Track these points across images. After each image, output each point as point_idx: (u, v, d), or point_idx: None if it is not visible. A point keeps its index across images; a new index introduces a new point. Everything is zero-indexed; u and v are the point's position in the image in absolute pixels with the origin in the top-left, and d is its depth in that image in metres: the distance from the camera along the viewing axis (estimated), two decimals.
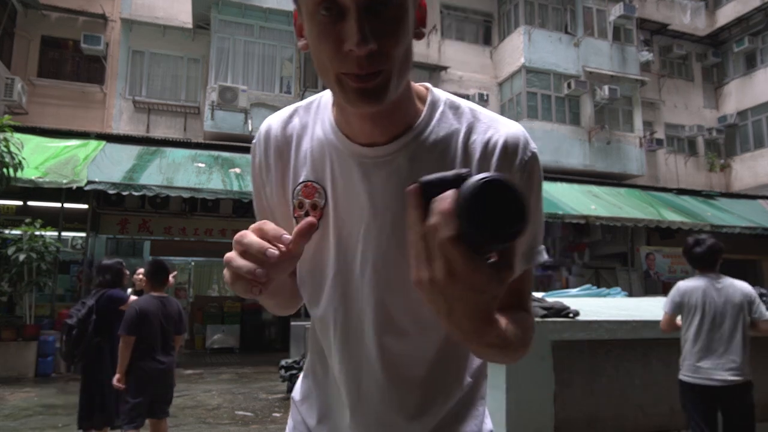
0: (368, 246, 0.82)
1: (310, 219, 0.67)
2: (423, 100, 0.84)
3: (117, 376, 3.65)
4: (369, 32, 0.66)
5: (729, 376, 3.16)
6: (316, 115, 0.88)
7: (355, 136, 0.82)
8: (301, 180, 0.86)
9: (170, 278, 4.00)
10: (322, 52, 0.70)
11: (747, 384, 3.18)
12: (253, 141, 0.93)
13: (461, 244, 0.49)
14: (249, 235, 0.65)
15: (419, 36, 0.76)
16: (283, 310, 0.97)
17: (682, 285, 3.43)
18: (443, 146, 0.81)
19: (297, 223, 0.83)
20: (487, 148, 0.80)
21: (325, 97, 0.88)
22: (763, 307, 3.24)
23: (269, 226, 0.66)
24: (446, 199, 0.50)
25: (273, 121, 0.91)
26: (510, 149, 0.80)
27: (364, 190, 0.82)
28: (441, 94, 0.86)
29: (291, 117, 0.90)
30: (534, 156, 0.82)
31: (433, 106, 0.83)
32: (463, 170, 0.54)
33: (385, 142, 0.80)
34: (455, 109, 0.84)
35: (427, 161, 0.80)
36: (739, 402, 3.21)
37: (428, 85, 0.86)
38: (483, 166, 0.80)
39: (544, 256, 0.86)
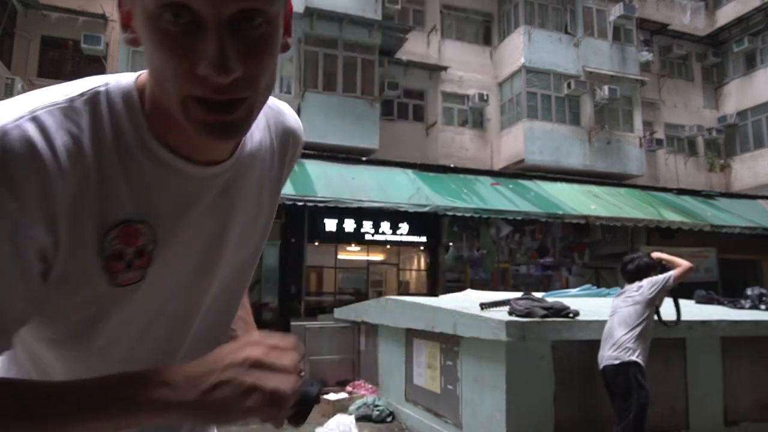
0: (213, 287, 0.74)
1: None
2: None
3: None
4: (233, 54, 0.53)
5: (607, 361, 3.57)
6: (112, 120, 0.61)
7: (188, 153, 0.65)
8: (115, 221, 0.61)
9: None
10: (164, 66, 0.55)
11: (621, 365, 3.50)
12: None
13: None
14: (275, 354, 0.61)
15: (286, 48, 0.62)
16: None
17: None
18: (260, 146, 0.76)
19: (113, 280, 0.62)
20: (285, 138, 0.81)
21: (118, 90, 0.63)
22: (659, 280, 3.62)
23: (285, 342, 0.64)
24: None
25: (40, 125, 0.56)
26: (299, 135, 0.84)
27: (211, 219, 0.69)
28: None
29: (71, 121, 0.58)
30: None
31: None
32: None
33: (225, 158, 0.68)
34: None
35: (253, 167, 0.74)
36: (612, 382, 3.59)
37: None
38: (282, 153, 0.81)
39: None
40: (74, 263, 0.60)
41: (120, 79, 0.64)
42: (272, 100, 0.79)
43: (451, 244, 12.61)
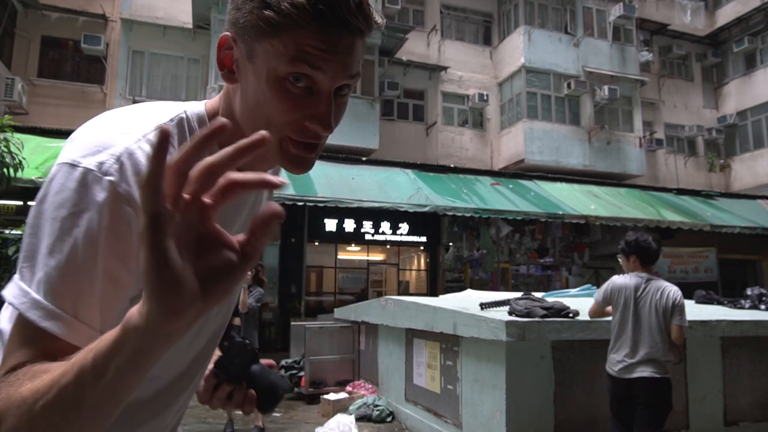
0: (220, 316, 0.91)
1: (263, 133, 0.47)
2: None
3: None
4: (332, 114, 0.70)
5: (644, 374, 3.17)
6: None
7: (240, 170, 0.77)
8: None
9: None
10: (277, 113, 0.70)
11: (662, 380, 3.19)
12: (98, 173, 0.63)
13: None
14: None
15: None
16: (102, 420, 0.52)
17: (616, 280, 3.40)
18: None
19: None
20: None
21: (194, 115, 0.77)
22: (684, 315, 3.21)
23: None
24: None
25: (147, 148, 0.66)
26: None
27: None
28: None
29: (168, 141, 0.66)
30: None
31: None
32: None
33: None
34: None
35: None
36: (648, 397, 3.20)
37: None
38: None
39: None
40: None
41: (193, 107, 0.79)
42: None
43: (451, 244, 12.62)
